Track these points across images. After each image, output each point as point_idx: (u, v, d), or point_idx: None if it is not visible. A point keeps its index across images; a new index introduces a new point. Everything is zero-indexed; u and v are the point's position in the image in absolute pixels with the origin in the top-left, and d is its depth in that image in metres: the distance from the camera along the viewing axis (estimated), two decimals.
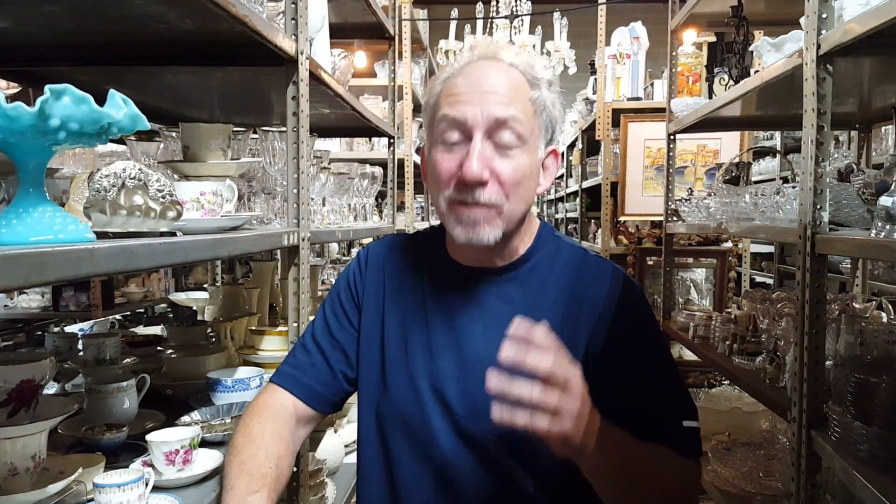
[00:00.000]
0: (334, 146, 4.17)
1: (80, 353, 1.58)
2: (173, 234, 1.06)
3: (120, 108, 0.84)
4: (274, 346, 1.71)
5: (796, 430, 1.60)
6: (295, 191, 1.59)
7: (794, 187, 1.80)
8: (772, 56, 1.92)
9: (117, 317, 4.04)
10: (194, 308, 2.50)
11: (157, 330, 2.34)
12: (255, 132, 1.77)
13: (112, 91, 0.85)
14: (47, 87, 0.76)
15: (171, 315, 3.10)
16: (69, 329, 2.07)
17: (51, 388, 1.62)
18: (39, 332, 3.94)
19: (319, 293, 2.70)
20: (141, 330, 2.40)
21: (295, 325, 1.61)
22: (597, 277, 1.15)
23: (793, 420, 1.62)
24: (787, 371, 1.83)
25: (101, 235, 0.98)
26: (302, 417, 1.20)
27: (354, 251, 5.58)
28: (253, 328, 1.79)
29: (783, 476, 2.07)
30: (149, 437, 1.17)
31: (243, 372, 1.58)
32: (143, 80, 1.78)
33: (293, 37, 1.59)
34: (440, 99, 1.11)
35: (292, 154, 1.60)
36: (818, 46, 1.52)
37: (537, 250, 1.17)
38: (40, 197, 0.84)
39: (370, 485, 1.18)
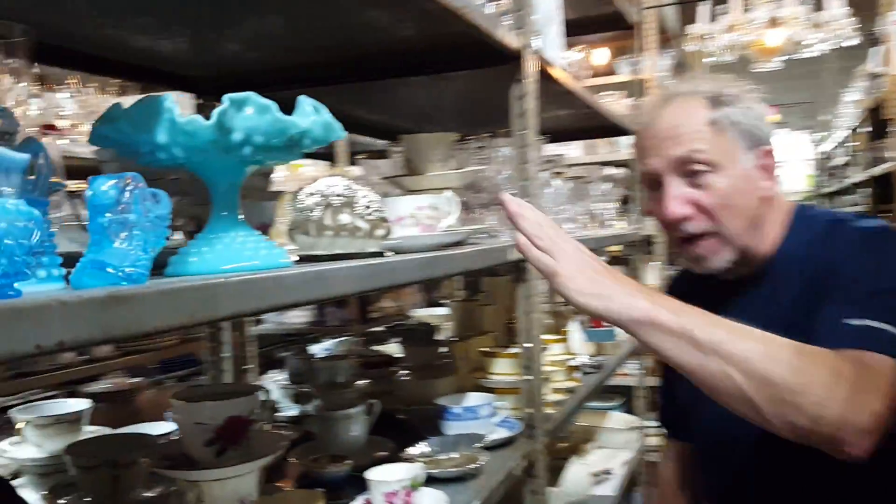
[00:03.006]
0: (574, 151, 3.98)
1: (316, 376, 1.57)
2: (381, 254, 0.95)
3: (307, 115, 0.74)
4: (505, 370, 1.57)
5: None
6: (523, 200, 1.44)
7: None
8: None
9: (363, 333, 4.20)
10: (432, 325, 2.46)
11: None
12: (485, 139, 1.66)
13: (301, 97, 0.76)
14: (226, 97, 0.68)
15: (411, 333, 3.13)
16: (319, 346, 2.12)
17: (293, 410, 1.63)
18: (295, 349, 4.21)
19: (562, 308, 2.53)
20: (388, 348, 2.41)
21: (528, 346, 1.45)
22: (842, 241, 1.07)
23: None
24: None
25: (307, 259, 0.90)
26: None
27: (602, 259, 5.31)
28: (484, 349, 1.67)
29: None
30: (368, 474, 1.08)
31: (474, 398, 1.46)
32: (365, 95, 1.75)
33: (517, 31, 1.45)
34: (636, 153, 1.22)
35: (519, 160, 1.45)
36: None
37: (788, 240, 1.15)
38: (233, 221, 0.77)
39: None
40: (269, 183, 1.40)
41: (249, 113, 0.69)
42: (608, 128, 2.72)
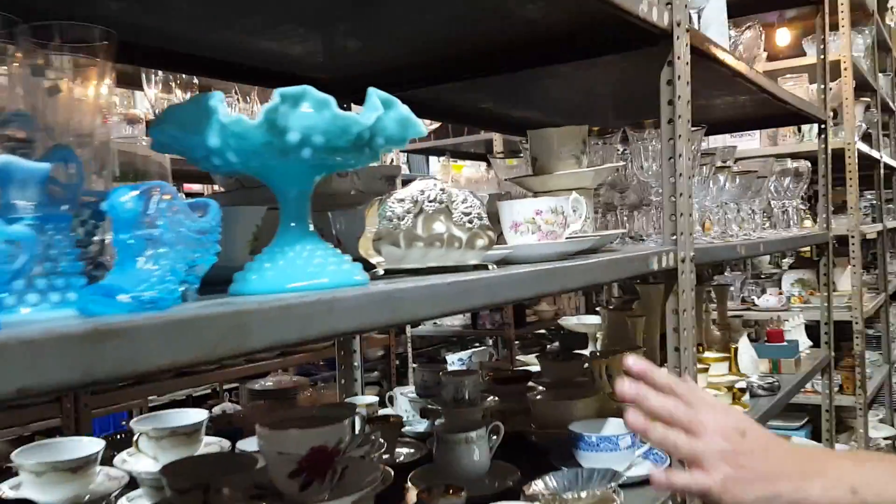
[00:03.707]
0: (751, 142, 3.62)
1: (442, 391, 1.48)
2: (484, 267, 0.83)
3: (374, 109, 0.64)
4: None
5: None
6: (672, 199, 1.26)
7: None
8: None
9: (518, 336, 4.07)
10: (580, 335, 2.29)
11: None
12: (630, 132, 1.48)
13: (371, 89, 0.65)
14: (278, 92, 0.59)
15: (561, 340, 2.96)
16: (457, 355, 2.02)
17: (419, 425, 1.55)
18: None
19: (731, 319, 2.26)
20: (532, 358, 2.27)
21: (676, 370, 1.26)
22: None
23: None
24: None
25: (393, 273, 0.80)
26: None
27: (786, 262, 4.81)
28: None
29: None
30: None
31: (614, 426, 1.29)
32: (504, 90, 1.64)
33: (665, 6, 1.27)
34: None
35: (667, 153, 1.26)
36: None
37: None
38: (302, 233, 0.68)
39: None
40: (394, 186, 1.32)
41: (306, 110, 0.60)
42: (789, 116, 2.40)
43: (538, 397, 1.48)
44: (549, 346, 4.33)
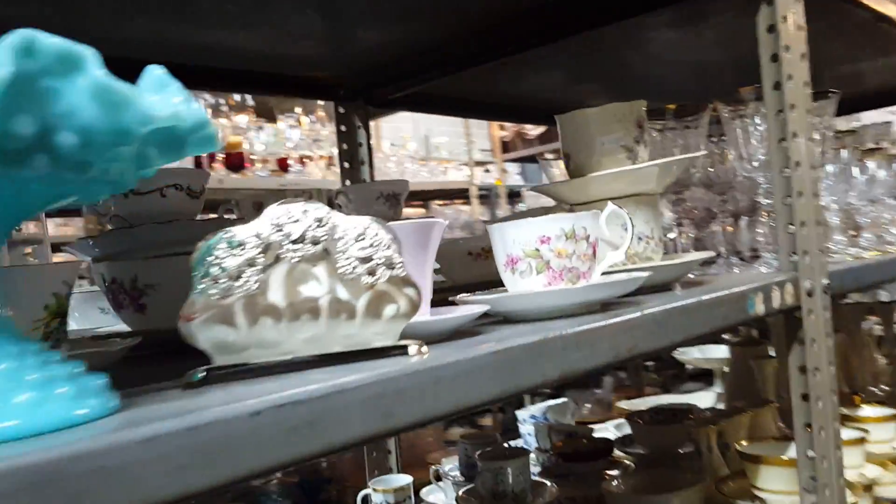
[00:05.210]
0: None
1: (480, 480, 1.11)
2: (402, 349, 0.47)
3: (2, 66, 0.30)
4: (779, 486, 0.94)
5: None
6: (787, 200, 0.83)
7: None
8: None
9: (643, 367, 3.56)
10: (705, 372, 1.83)
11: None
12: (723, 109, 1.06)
13: (20, 32, 0.31)
14: None
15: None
16: (528, 410, 1.60)
17: None
18: None
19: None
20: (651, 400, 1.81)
21: (809, 455, 0.83)
22: None
23: None
24: None
25: (223, 375, 0.46)
26: None
27: None
28: (744, 447, 1.03)
29: None
30: None
31: None
32: (547, 65, 1.27)
33: None
34: None
35: (776, 133, 0.84)
36: None
37: None
38: None
39: None
40: (399, 210, 1.01)
41: None
42: None
43: (619, 483, 1.07)
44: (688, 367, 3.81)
